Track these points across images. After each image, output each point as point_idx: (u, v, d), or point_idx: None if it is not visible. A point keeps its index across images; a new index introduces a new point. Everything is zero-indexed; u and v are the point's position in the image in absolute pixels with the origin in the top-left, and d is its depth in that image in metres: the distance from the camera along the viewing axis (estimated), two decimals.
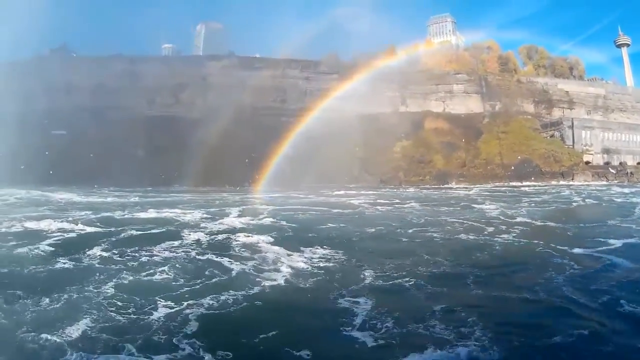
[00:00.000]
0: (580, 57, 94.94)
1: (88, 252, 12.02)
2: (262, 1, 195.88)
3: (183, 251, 12.45)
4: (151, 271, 10.13)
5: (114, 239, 14.17)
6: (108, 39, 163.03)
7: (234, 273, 10.30)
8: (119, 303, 7.99)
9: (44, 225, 16.71)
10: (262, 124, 69.29)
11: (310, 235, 15.95)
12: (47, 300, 8.01)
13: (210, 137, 64.81)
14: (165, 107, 73.41)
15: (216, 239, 14.62)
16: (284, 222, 19.04)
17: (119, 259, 11.46)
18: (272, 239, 14.36)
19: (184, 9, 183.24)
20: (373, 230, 17.38)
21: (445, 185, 59.56)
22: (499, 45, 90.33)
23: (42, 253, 12.04)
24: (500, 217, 21.82)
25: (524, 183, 62.28)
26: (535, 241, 14.49)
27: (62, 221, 17.69)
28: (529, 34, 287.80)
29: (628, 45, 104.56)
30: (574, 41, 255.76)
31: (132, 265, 10.78)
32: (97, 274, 9.79)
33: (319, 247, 13.15)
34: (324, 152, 65.37)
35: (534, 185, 58.88)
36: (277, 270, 10.51)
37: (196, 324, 7.22)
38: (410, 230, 17.27)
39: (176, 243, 13.60)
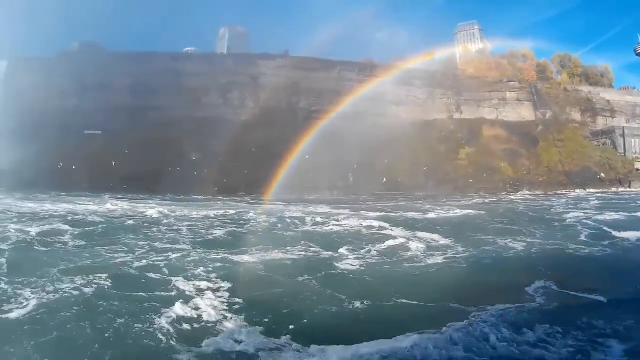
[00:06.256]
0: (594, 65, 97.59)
1: None
2: (282, 6, 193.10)
3: None
4: None
5: None
6: (130, 38, 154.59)
7: None
8: None
9: None
10: (316, 127, 67.02)
11: None
12: None
13: (265, 141, 62.67)
14: (212, 108, 68.81)
15: None
16: None
17: None
18: None
19: (205, 12, 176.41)
20: None
21: (520, 193, 60.02)
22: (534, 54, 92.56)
23: None
24: None
25: (587, 190, 63.52)
26: None
27: None
28: (542, 42, 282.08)
29: None
30: (586, 49, 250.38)
31: None
32: None
33: None
34: (385, 159, 64.82)
35: (605, 192, 60.43)
36: None
37: None
38: None
39: None
